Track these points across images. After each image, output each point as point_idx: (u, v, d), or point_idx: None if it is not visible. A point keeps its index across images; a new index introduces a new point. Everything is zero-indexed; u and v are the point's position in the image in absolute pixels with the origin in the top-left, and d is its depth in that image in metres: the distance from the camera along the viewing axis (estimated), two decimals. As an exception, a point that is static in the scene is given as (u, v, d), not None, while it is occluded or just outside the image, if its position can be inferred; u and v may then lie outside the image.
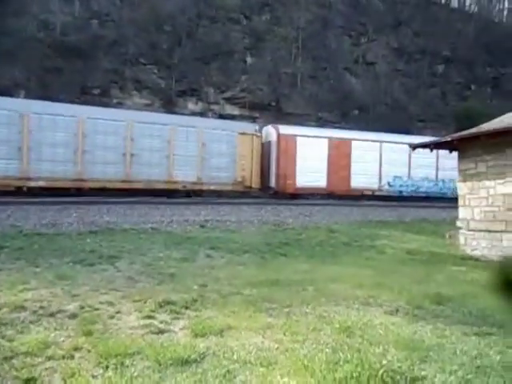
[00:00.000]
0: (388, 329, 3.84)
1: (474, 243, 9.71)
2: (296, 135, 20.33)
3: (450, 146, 10.79)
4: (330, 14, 32.10)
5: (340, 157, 20.92)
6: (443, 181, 23.03)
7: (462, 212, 10.16)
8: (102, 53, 23.85)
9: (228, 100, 26.63)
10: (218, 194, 19.27)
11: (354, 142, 21.36)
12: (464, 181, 10.14)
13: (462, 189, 10.20)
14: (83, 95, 22.14)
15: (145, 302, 4.50)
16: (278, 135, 20.23)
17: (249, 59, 28.13)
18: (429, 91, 33.69)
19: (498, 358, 3.19)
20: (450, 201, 20.61)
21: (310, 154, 20.26)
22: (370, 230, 12.20)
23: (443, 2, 40.62)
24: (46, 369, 3.01)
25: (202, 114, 24.27)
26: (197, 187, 18.60)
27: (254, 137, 19.73)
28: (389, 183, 22.36)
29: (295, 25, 29.52)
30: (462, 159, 10.33)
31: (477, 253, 9.47)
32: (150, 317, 4.13)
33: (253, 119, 24.95)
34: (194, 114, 23.98)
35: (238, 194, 19.57)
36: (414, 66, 33.80)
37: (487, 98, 35.32)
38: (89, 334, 3.63)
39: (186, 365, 3.01)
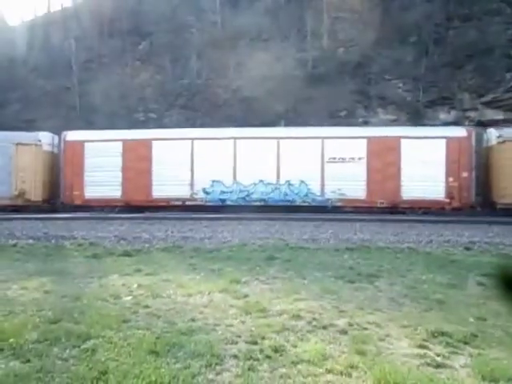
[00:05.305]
0: None
1: None
2: None
3: None
4: None
5: None
6: (289, 183, 17.28)
7: None
8: (348, 76, 25.03)
9: (488, 104, 23.21)
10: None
11: None
12: None
13: None
14: (331, 118, 23.65)
15: (415, 329, 4.20)
16: None
17: (514, 52, 23.80)
18: None
19: None
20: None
21: None
22: None
23: None
24: (328, 382, 3.12)
25: (456, 123, 21.97)
26: None
27: None
28: None
29: None
30: None
31: None
32: (422, 346, 3.82)
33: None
34: (446, 124, 21.99)
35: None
36: None
37: None
38: (362, 353, 3.62)
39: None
